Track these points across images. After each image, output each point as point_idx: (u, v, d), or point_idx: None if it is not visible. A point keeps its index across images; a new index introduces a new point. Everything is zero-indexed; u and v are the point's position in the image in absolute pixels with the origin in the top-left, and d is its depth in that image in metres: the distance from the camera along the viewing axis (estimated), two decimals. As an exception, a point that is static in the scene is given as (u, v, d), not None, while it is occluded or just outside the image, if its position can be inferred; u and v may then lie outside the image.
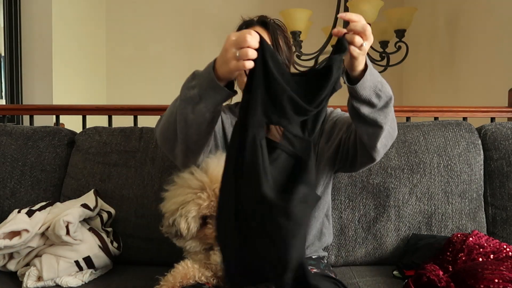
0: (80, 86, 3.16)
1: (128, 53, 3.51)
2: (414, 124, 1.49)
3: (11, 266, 1.24)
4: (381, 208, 1.38)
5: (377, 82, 0.93)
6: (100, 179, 1.46)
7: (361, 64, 0.89)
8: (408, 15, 2.52)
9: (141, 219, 1.41)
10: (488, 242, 1.18)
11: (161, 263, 1.27)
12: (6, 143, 1.53)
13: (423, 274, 1.03)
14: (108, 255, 1.27)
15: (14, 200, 1.48)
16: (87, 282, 1.22)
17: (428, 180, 1.40)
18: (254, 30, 0.85)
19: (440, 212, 1.38)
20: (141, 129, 1.55)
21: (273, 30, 1.16)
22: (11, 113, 2.42)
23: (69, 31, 2.97)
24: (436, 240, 1.29)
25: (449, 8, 2.80)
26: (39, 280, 1.19)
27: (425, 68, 3.17)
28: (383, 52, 2.64)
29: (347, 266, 1.38)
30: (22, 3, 2.72)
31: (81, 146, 1.53)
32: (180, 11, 3.55)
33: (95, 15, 3.44)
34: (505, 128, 1.47)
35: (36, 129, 1.59)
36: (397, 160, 1.42)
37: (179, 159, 1.06)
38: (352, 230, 1.38)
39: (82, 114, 1.99)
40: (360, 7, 2.38)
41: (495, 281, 0.95)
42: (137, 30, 3.51)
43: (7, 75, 2.65)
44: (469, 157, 1.42)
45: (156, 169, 1.45)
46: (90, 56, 3.34)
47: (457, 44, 2.69)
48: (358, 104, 0.94)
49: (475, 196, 1.41)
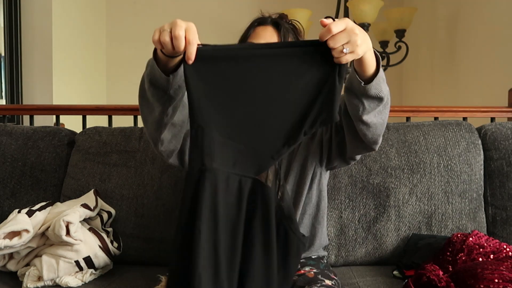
0: (80, 86, 3.16)
1: (128, 53, 3.51)
2: (414, 124, 1.49)
3: (11, 266, 1.24)
4: (381, 208, 1.38)
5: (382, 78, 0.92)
6: (100, 179, 1.46)
7: (368, 66, 0.87)
8: (408, 15, 2.52)
9: (141, 219, 1.41)
10: (488, 242, 1.18)
11: (161, 263, 1.28)
12: (6, 143, 1.53)
13: (423, 274, 1.03)
14: (108, 255, 1.27)
15: (14, 200, 1.48)
16: (87, 282, 1.22)
17: (428, 180, 1.40)
18: (264, 29, 0.84)
19: (440, 212, 1.38)
20: (141, 129, 1.55)
21: (284, 34, 1.14)
22: (11, 113, 2.42)
23: (69, 31, 2.97)
24: (436, 240, 1.29)
25: (449, 8, 2.80)
26: (39, 280, 1.19)
27: (425, 68, 3.17)
28: (383, 52, 2.65)
29: (347, 266, 1.38)
30: (22, 3, 2.72)
31: (81, 146, 1.53)
32: (180, 11, 3.54)
33: (95, 15, 3.44)
34: (505, 128, 1.47)
35: (36, 129, 1.59)
36: (397, 160, 1.42)
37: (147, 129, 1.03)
38: (352, 230, 1.38)
39: (82, 114, 1.99)
40: (360, 7, 2.38)
41: (495, 281, 0.94)
42: (137, 30, 3.50)
43: (7, 75, 2.65)
44: (469, 157, 1.42)
45: (156, 169, 1.45)
46: (90, 56, 3.34)
47: (457, 44, 2.69)
48: (368, 100, 0.91)
49: (475, 196, 1.41)
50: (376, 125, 0.97)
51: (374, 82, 0.88)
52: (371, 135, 0.99)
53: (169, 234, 1.39)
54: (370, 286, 1.20)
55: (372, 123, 0.96)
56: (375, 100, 0.91)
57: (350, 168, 1.42)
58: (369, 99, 0.91)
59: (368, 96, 0.90)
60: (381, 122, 0.98)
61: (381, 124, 0.98)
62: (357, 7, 2.40)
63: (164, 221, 1.40)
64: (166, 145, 1.02)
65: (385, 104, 0.95)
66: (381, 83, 0.90)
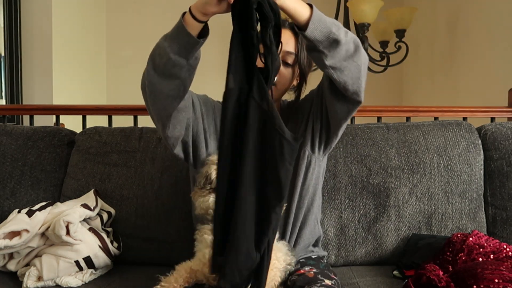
0: (80, 86, 3.16)
1: (128, 53, 3.51)
2: (414, 124, 1.49)
3: (11, 266, 1.25)
4: (381, 208, 1.38)
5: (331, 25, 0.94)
6: (100, 179, 1.46)
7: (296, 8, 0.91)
8: (408, 15, 2.52)
9: (141, 219, 1.41)
10: (488, 242, 1.18)
11: (161, 263, 1.28)
12: (6, 143, 1.53)
13: (423, 274, 1.03)
14: (108, 255, 1.27)
15: (14, 200, 1.48)
16: (87, 282, 1.22)
17: (428, 180, 1.40)
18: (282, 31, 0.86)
19: (440, 212, 1.38)
20: (141, 129, 1.55)
21: (302, 41, 1.16)
22: (11, 113, 2.42)
23: (69, 31, 2.97)
24: (436, 240, 1.29)
25: (449, 8, 2.80)
26: (39, 280, 1.19)
27: (425, 68, 3.17)
28: (383, 52, 2.64)
29: (347, 266, 1.38)
30: (22, 3, 2.72)
31: (81, 146, 1.53)
32: (180, 11, 3.53)
33: (95, 15, 3.44)
34: (505, 128, 1.47)
35: (36, 129, 1.59)
36: (397, 160, 1.42)
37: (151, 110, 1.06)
38: (352, 230, 1.38)
39: (82, 114, 1.99)
40: (360, 7, 2.38)
41: (495, 281, 0.94)
42: (137, 30, 3.50)
43: (7, 75, 2.65)
44: (469, 157, 1.42)
45: (156, 169, 1.45)
46: (90, 56, 3.34)
47: (457, 44, 2.69)
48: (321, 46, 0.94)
49: (475, 196, 1.41)
50: (348, 68, 0.98)
51: (311, 25, 0.91)
52: (348, 80, 0.99)
53: (169, 234, 1.39)
54: (370, 286, 1.20)
55: (343, 66, 0.97)
56: (330, 43, 0.94)
57: (350, 168, 1.42)
58: (321, 44, 0.94)
59: (317, 42, 0.93)
60: (355, 65, 0.98)
61: (356, 67, 0.98)
62: (357, 7, 2.40)
63: (164, 221, 1.40)
64: (172, 130, 1.06)
65: (348, 48, 0.96)
66: (325, 26, 0.93)
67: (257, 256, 0.82)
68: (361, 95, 1.04)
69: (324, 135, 1.17)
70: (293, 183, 1.17)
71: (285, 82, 1.17)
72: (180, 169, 1.42)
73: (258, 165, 0.82)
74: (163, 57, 0.95)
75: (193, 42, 0.93)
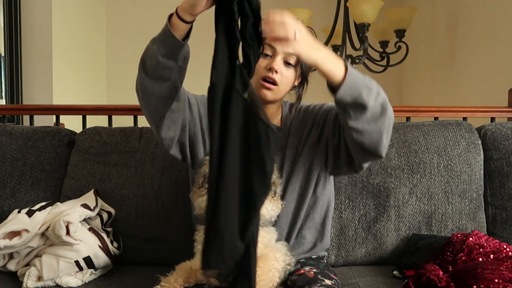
0: (80, 86, 3.16)
1: (128, 53, 3.49)
2: (414, 124, 1.49)
3: (11, 266, 1.25)
4: (381, 208, 1.38)
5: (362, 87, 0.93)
6: (100, 179, 1.46)
7: (330, 69, 0.90)
8: (408, 15, 2.52)
9: (141, 219, 1.41)
10: (488, 242, 1.18)
11: (161, 263, 1.28)
12: (6, 143, 1.53)
13: (423, 274, 1.03)
14: (108, 255, 1.27)
15: (14, 200, 1.48)
16: (87, 282, 1.22)
17: (428, 180, 1.40)
18: None
19: (440, 212, 1.38)
20: (141, 129, 1.55)
21: None
22: (11, 113, 2.42)
23: (69, 31, 2.97)
24: (436, 240, 1.29)
25: (449, 8, 2.80)
26: (39, 280, 1.19)
27: (425, 68, 3.17)
28: (383, 52, 2.64)
29: (347, 266, 1.38)
30: (22, 3, 2.72)
31: (81, 146, 1.53)
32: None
33: (95, 15, 3.44)
34: (505, 128, 1.47)
35: (36, 129, 1.59)
36: (397, 160, 1.42)
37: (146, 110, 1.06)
38: (352, 230, 1.38)
39: (82, 114, 1.99)
40: (360, 7, 2.38)
41: (495, 281, 0.94)
42: (137, 30, 3.50)
43: (7, 75, 2.65)
44: (469, 157, 1.42)
45: (156, 169, 1.45)
46: (90, 56, 3.34)
47: (457, 44, 2.69)
48: (348, 107, 0.94)
49: (475, 196, 1.41)
50: (369, 133, 0.97)
51: (342, 89, 0.91)
52: (368, 142, 0.99)
53: (169, 234, 1.39)
54: (370, 286, 1.20)
55: (364, 130, 0.96)
56: (356, 107, 0.94)
57: (350, 168, 1.41)
58: (347, 106, 0.94)
59: (345, 103, 0.94)
60: (376, 130, 0.97)
61: (377, 132, 0.97)
62: (357, 7, 2.40)
63: (164, 221, 1.40)
64: (166, 131, 1.06)
65: (374, 112, 0.95)
66: (357, 90, 0.92)
67: (241, 246, 0.81)
68: (381, 152, 1.02)
69: (340, 167, 1.16)
70: (305, 194, 1.18)
71: (287, 82, 1.17)
72: (180, 169, 1.42)
73: (243, 154, 0.82)
74: (152, 60, 0.96)
75: (179, 45, 0.94)
